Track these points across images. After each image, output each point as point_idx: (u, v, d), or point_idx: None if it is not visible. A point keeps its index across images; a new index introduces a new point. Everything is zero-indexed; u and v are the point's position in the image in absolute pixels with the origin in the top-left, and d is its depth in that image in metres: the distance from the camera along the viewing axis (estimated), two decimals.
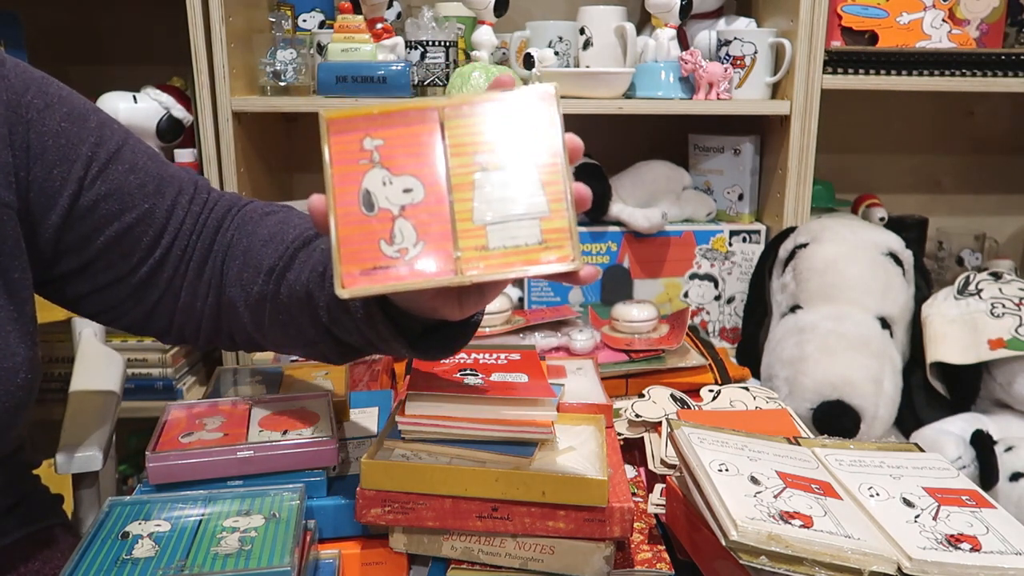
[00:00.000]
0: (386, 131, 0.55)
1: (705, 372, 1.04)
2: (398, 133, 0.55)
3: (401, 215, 0.54)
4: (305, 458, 0.70)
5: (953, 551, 0.56)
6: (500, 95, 0.54)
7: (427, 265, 0.53)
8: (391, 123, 0.55)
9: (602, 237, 1.40)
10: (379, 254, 0.53)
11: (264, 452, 0.69)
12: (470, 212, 0.53)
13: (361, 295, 0.53)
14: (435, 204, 0.54)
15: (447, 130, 0.54)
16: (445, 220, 0.53)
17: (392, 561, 0.68)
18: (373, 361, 1.09)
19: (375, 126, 0.55)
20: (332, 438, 0.70)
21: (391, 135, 0.55)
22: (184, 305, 0.75)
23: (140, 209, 0.72)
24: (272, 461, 0.69)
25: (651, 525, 0.72)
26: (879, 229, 1.24)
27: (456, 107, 0.54)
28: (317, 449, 0.70)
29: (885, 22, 1.34)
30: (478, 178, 0.54)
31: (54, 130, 0.70)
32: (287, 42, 1.36)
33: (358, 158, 0.55)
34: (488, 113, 0.54)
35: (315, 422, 0.74)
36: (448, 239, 0.53)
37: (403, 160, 0.54)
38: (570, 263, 0.52)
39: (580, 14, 1.41)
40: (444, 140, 0.54)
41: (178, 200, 0.74)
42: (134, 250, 0.72)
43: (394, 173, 0.54)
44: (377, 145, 0.55)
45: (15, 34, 1.39)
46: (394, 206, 0.54)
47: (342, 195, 0.55)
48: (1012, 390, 1.06)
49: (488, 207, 0.53)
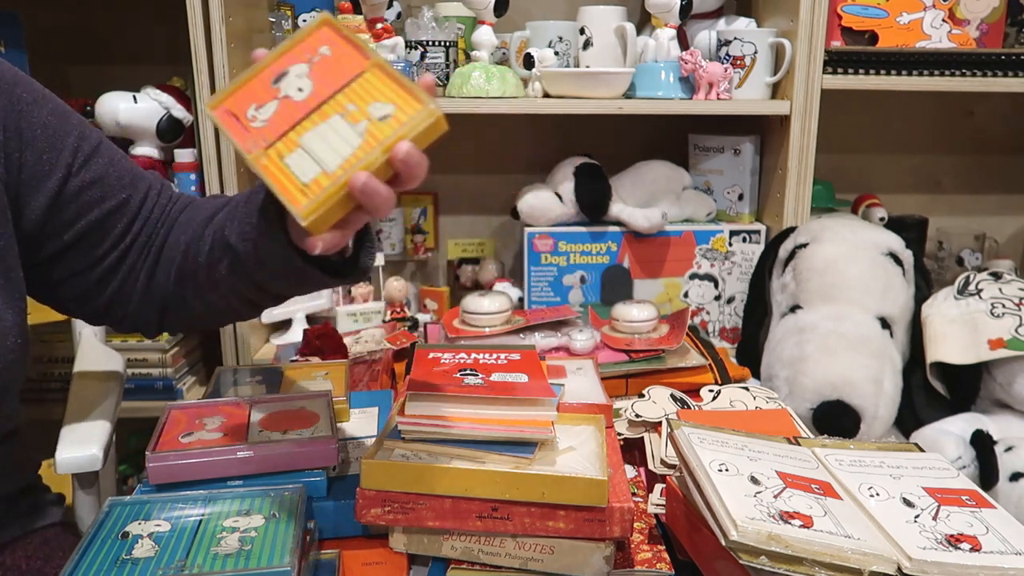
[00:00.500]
0: (340, 50, 0.65)
1: (705, 372, 1.04)
2: (344, 53, 0.64)
3: (280, 99, 0.64)
4: (305, 458, 0.70)
5: (953, 551, 0.56)
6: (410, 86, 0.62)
7: (248, 138, 0.63)
8: (349, 49, 0.65)
9: (602, 237, 1.40)
10: (245, 110, 0.64)
11: (264, 452, 0.69)
12: (304, 131, 0.62)
13: (212, 117, 0.65)
14: (299, 110, 0.63)
15: (360, 77, 0.63)
16: (291, 123, 0.63)
17: (392, 561, 0.68)
18: (373, 361, 1.09)
19: (341, 44, 0.65)
20: (332, 438, 0.71)
21: (339, 54, 0.65)
22: (141, 288, 0.81)
23: (118, 198, 0.79)
24: (272, 461, 0.69)
25: (651, 525, 0.72)
26: (879, 229, 1.24)
27: (380, 67, 0.63)
28: (317, 449, 0.70)
29: (885, 22, 1.34)
30: (333, 119, 0.62)
31: (42, 122, 0.76)
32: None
33: (310, 53, 0.65)
34: (388, 84, 0.62)
35: (315, 422, 0.75)
36: (276, 134, 0.63)
37: (322, 72, 0.64)
38: (297, 208, 0.60)
39: (580, 14, 1.41)
40: (349, 81, 0.63)
41: (149, 193, 0.82)
42: (108, 236, 0.78)
43: (308, 75, 0.64)
44: (324, 55, 0.65)
45: (15, 34, 1.39)
46: (282, 91, 0.64)
47: (276, 64, 0.65)
48: (1012, 390, 1.06)
49: (315, 137, 0.62)
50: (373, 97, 0.62)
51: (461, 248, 1.68)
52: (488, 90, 1.31)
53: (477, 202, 1.69)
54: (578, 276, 1.41)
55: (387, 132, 0.60)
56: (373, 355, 1.12)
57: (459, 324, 1.13)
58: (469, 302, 1.12)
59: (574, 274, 1.41)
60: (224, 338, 1.37)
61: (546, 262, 1.40)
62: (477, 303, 1.11)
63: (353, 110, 0.62)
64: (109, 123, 1.39)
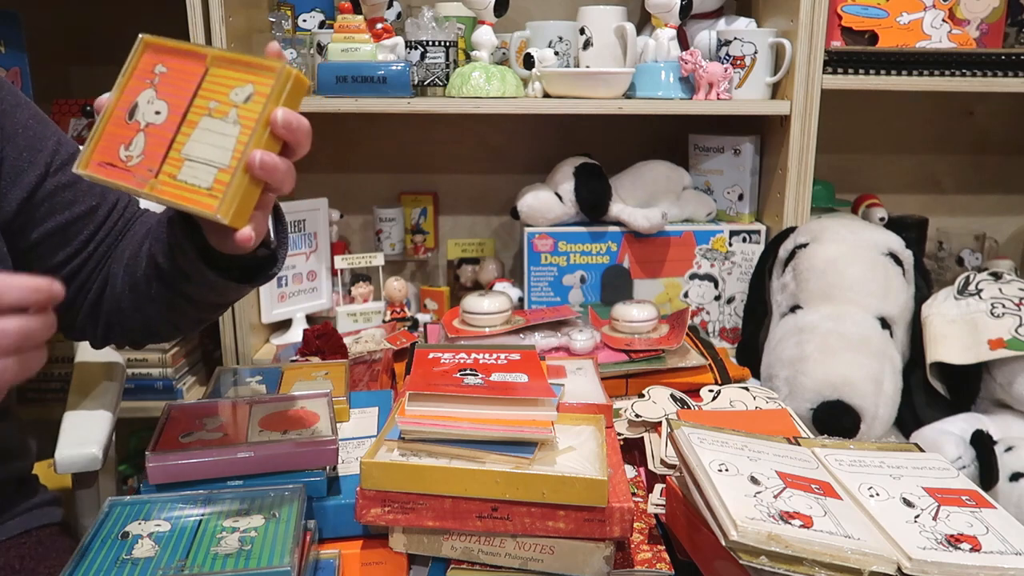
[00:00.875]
0: (175, 61, 0.66)
1: (705, 372, 1.04)
2: (179, 66, 0.66)
3: (144, 130, 0.65)
4: (305, 458, 0.70)
5: (953, 551, 0.56)
6: (254, 59, 0.63)
7: (133, 177, 0.64)
8: (182, 57, 0.66)
9: (602, 237, 1.40)
10: (116, 155, 0.65)
11: (264, 452, 0.69)
12: (183, 145, 0.64)
13: (87, 176, 0.65)
14: (166, 130, 0.64)
15: (207, 76, 0.65)
16: (165, 145, 0.64)
17: (392, 561, 0.68)
18: (373, 361, 1.09)
19: (172, 56, 0.66)
20: (332, 438, 0.70)
21: (175, 66, 0.66)
22: (92, 300, 0.83)
23: (88, 204, 0.82)
24: (272, 461, 0.69)
25: (651, 525, 0.72)
26: (879, 229, 1.23)
27: (219, 59, 0.65)
28: (317, 449, 0.70)
29: (885, 22, 1.34)
30: (203, 120, 0.63)
31: (24, 123, 0.80)
32: (287, 42, 1.36)
33: (147, 77, 0.66)
34: (238, 71, 0.64)
35: (315, 422, 0.75)
36: (158, 161, 0.64)
37: (170, 88, 0.65)
38: (213, 212, 0.61)
39: (580, 14, 1.41)
40: (200, 84, 0.65)
41: (116, 205, 0.85)
42: (71, 242, 0.81)
43: (158, 96, 0.65)
44: (162, 72, 0.66)
45: (15, 34, 1.39)
46: (144, 121, 0.65)
47: (122, 102, 0.66)
48: (1012, 390, 1.06)
49: (196, 145, 0.63)
50: (228, 86, 0.63)
51: (461, 248, 1.68)
52: (488, 90, 1.31)
53: (477, 202, 1.69)
54: (578, 276, 1.41)
55: (257, 109, 0.62)
56: (373, 355, 1.12)
57: (459, 324, 1.13)
58: (469, 302, 1.12)
59: (574, 274, 1.41)
60: (224, 338, 1.37)
61: (546, 262, 1.40)
62: (477, 303, 1.11)
63: (216, 106, 0.63)
64: None
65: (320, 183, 1.65)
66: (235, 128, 0.62)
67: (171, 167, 0.63)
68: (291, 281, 1.46)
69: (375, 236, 1.64)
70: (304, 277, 1.48)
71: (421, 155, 1.66)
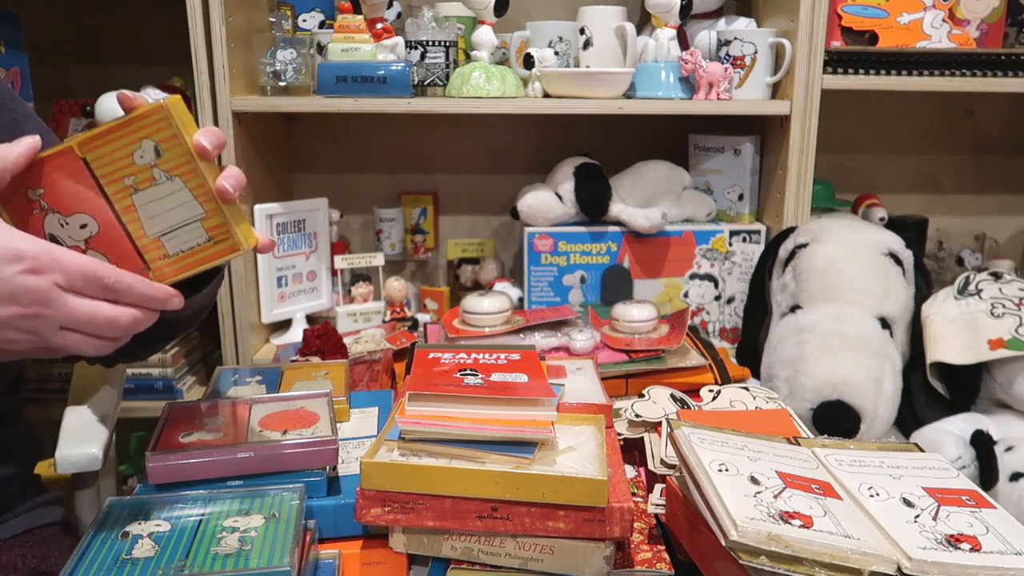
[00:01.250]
0: (41, 179, 0.61)
1: (705, 372, 1.04)
2: (52, 179, 0.61)
3: (88, 248, 0.62)
4: (305, 458, 0.70)
5: (953, 551, 0.56)
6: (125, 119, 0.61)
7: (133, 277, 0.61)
8: (42, 171, 0.61)
9: (602, 237, 1.40)
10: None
11: (264, 452, 0.69)
12: (142, 229, 0.62)
13: None
14: (111, 232, 0.62)
15: (91, 164, 0.61)
16: (125, 242, 0.62)
17: (392, 561, 0.68)
18: (373, 361, 1.09)
19: (31, 178, 0.61)
20: (332, 438, 0.70)
21: (48, 182, 0.61)
22: None
23: None
24: (272, 461, 0.69)
25: (651, 525, 0.72)
26: (879, 229, 1.23)
27: (88, 142, 0.61)
28: (317, 449, 0.70)
29: (885, 22, 1.34)
30: (135, 199, 0.62)
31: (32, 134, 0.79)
32: (287, 42, 1.36)
33: (31, 208, 0.62)
34: (118, 138, 0.61)
35: (315, 422, 0.75)
36: (134, 257, 0.63)
37: (68, 201, 0.62)
38: (240, 251, 0.62)
39: (580, 14, 1.41)
40: (93, 174, 0.61)
41: None
42: None
43: (65, 215, 0.62)
44: (40, 194, 0.62)
45: (15, 34, 1.39)
46: (79, 242, 0.62)
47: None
48: (1012, 390, 1.06)
49: (154, 222, 0.62)
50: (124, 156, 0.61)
51: (461, 248, 1.68)
52: (488, 90, 1.31)
53: (477, 202, 1.69)
54: (578, 276, 1.41)
55: (178, 154, 0.61)
56: (373, 355, 1.12)
57: (459, 324, 1.13)
58: (469, 302, 1.12)
59: (574, 274, 1.41)
60: (224, 338, 1.37)
61: (546, 262, 1.40)
62: (477, 303, 1.11)
63: (135, 180, 0.61)
64: None
65: (320, 183, 1.65)
66: (175, 182, 0.62)
67: (153, 252, 0.63)
68: (291, 281, 1.46)
69: (375, 236, 1.64)
70: (304, 277, 1.48)
71: (421, 155, 1.66)
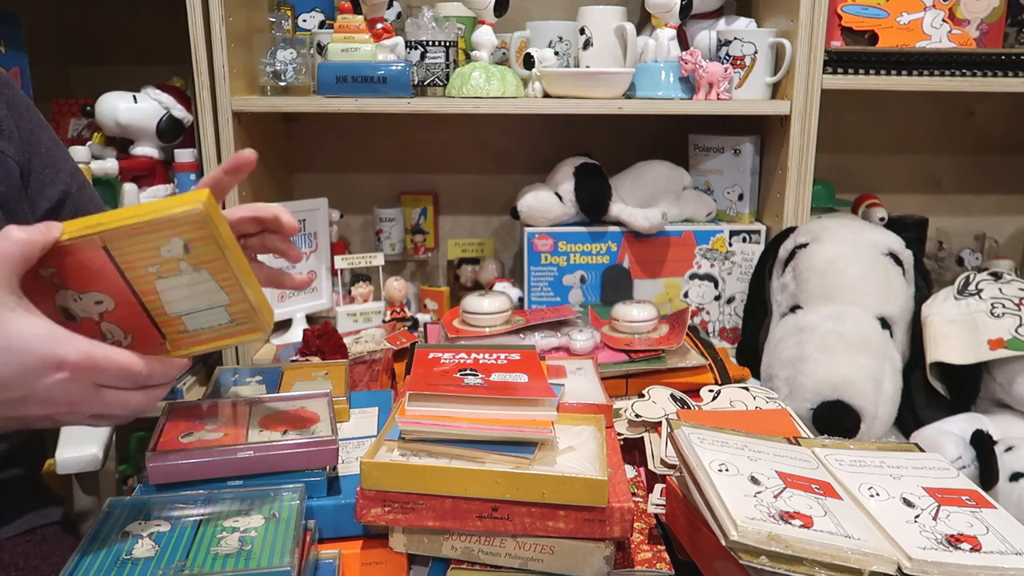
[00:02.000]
0: (55, 261, 0.60)
1: (705, 372, 1.04)
2: (68, 261, 0.60)
3: (103, 320, 0.62)
4: (305, 458, 0.70)
5: (953, 551, 0.56)
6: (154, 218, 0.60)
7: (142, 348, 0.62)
8: (57, 254, 0.60)
9: (602, 237, 1.40)
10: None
11: (264, 452, 0.69)
12: (163, 307, 0.62)
13: None
14: (128, 308, 0.62)
15: (113, 253, 0.60)
16: (143, 317, 0.62)
17: (392, 561, 0.68)
18: (373, 361, 1.09)
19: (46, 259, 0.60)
20: (332, 438, 0.70)
21: (62, 263, 0.60)
22: None
23: None
24: (272, 461, 0.69)
25: (651, 525, 0.72)
26: (879, 229, 1.23)
27: (113, 235, 0.60)
28: (317, 449, 0.70)
29: (885, 22, 1.34)
30: (158, 284, 0.62)
31: (46, 144, 0.87)
32: (287, 42, 1.36)
33: (41, 285, 0.61)
34: (146, 233, 0.60)
35: (315, 422, 0.74)
36: (152, 330, 0.63)
37: (83, 280, 0.61)
38: (260, 333, 0.64)
39: (580, 14, 1.41)
40: (114, 260, 0.61)
41: None
42: None
43: (79, 291, 0.61)
44: (52, 273, 0.61)
45: (15, 34, 1.39)
46: (93, 315, 0.62)
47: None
48: (1012, 390, 1.06)
49: (176, 304, 0.62)
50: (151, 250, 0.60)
51: (461, 248, 1.68)
52: (488, 90, 1.31)
53: (477, 202, 1.69)
54: (578, 276, 1.41)
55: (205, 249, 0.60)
56: (373, 355, 1.12)
57: (459, 324, 1.13)
58: (469, 302, 1.12)
59: (574, 274, 1.41)
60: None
61: (546, 262, 1.40)
62: (477, 303, 1.11)
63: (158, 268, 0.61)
64: (109, 123, 1.39)
65: (320, 183, 1.65)
66: (201, 274, 0.61)
67: (172, 327, 0.63)
68: None
69: (375, 236, 1.64)
70: None
71: (421, 155, 1.66)
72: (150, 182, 1.44)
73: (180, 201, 0.59)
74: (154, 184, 1.44)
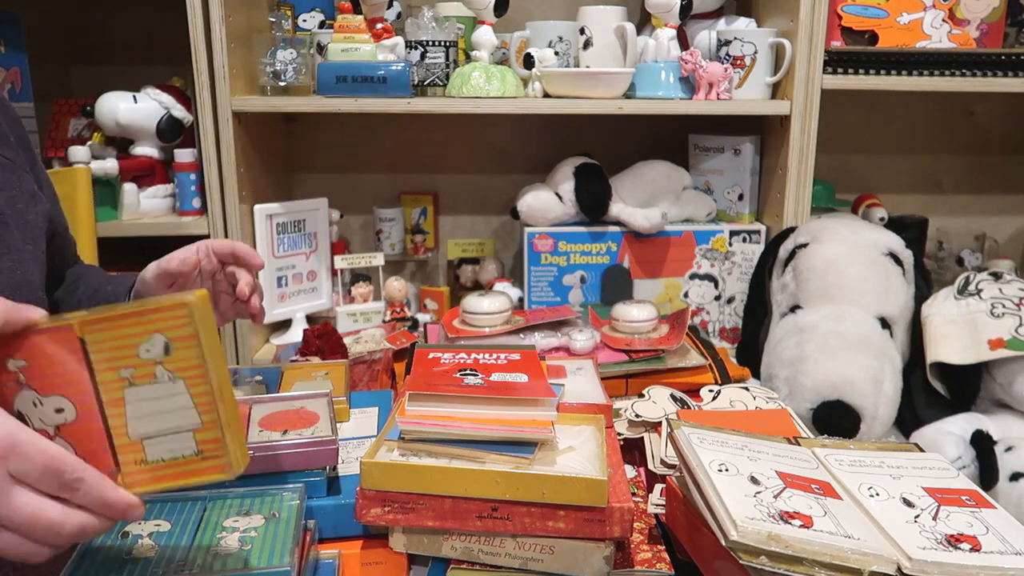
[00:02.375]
0: (27, 351, 0.54)
1: (705, 372, 1.04)
2: (39, 353, 0.54)
3: (58, 435, 0.54)
4: (305, 458, 0.70)
5: (953, 551, 0.56)
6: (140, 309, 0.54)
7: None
8: (31, 343, 0.54)
9: (602, 237, 1.40)
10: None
11: (264, 452, 0.69)
12: (125, 427, 0.54)
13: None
14: (89, 422, 0.54)
15: (88, 346, 0.54)
16: (101, 437, 0.54)
17: (392, 561, 0.68)
18: (373, 361, 1.09)
19: (15, 347, 0.54)
20: (332, 438, 0.70)
21: (33, 355, 0.54)
22: None
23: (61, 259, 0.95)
24: (272, 461, 0.69)
25: (651, 525, 0.72)
26: (879, 229, 1.23)
27: (92, 323, 0.54)
28: (317, 449, 0.70)
29: (885, 22, 1.34)
30: (127, 393, 0.54)
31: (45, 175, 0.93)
32: (287, 42, 1.36)
33: (5, 380, 0.55)
34: (128, 326, 0.54)
35: (315, 422, 0.74)
36: (107, 455, 0.54)
37: (50, 380, 0.54)
38: (227, 472, 0.54)
39: (580, 14, 1.41)
40: (88, 356, 0.54)
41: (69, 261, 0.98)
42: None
43: (42, 394, 0.54)
44: (20, 366, 0.55)
45: (15, 34, 1.40)
46: (49, 427, 0.54)
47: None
48: (1012, 390, 1.06)
49: (141, 422, 0.54)
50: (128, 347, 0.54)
51: (461, 248, 1.68)
52: (488, 90, 1.31)
53: (477, 202, 1.69)
54: (578, 276, 1.41)
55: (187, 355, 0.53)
56: (373, 355, 1.12)
57: (459, 324, 1.13)
58: (469, 302, 1.12)
59: (574, 274, 1.41)
60: (224, 338, 1.37)
61: (546, 262, 1.40)
62: (477, 303, 1.11)
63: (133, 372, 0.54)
64: (109, 123, 1.39)
65: (320, 183, 1.65)
66: (177, 384, 0.54)
67: (130, 454, 0.54)
68: (291, 281, 1.46)
69: (375, 236, 1.64)
70: (304, 277, 1.48)
71: (421, 155, 1.66)
72: (150, 182, 1.44)
73: (173, 296, 0.54)
74: (154, 184, 1.44)
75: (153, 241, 1.41)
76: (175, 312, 0.53)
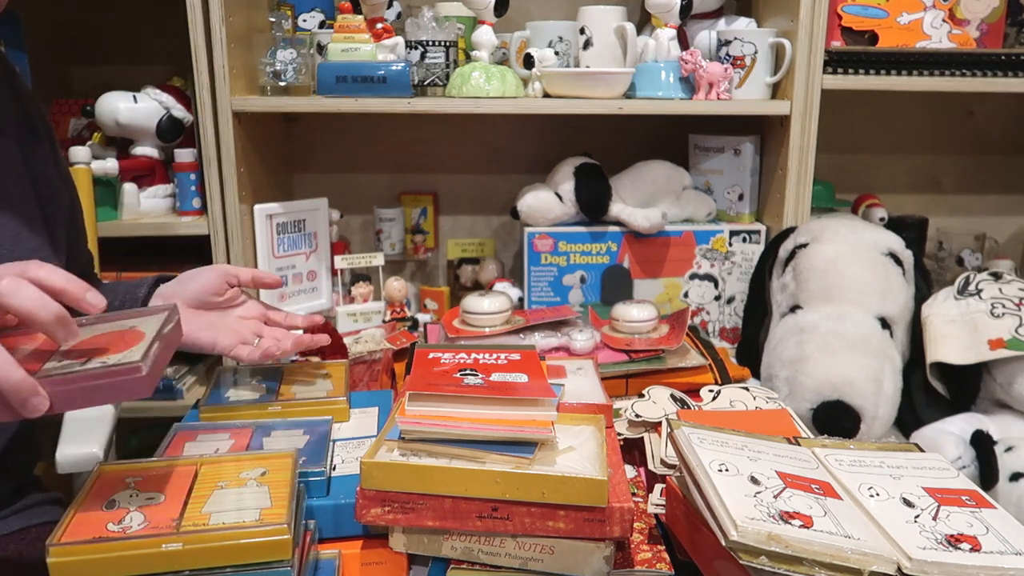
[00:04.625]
0: (147, 474, 0.65)
1: (705, 372, 1.03)
2: (156, 474, 0.65)
3: (136, 510, 0.61)
4: (105, 391, 0.56)
5: (953, 551, 0.56)
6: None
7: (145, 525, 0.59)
8: (153, 472, 0.65)
9: (602, 237, 1.40)
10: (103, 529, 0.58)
11: (53, 388, 0.55)
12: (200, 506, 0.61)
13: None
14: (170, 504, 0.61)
15: (200, 470, 0.66)
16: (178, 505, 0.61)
17: (392, 561, 0.68)
18: (373, 361, 1.09)
19: (138, 473, 0.65)
20: (137, 364, 0.56)
21: (150, 475, 0.65)
22: None
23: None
24: (67, 397, 0.56)
25: (651, 525, 0.72)
26: (879, 229, 1.23)
27: (216, 463, 0.67)
28: (119, 379, 0.56)
29: (885, 22, 1.34)
30: (216, 493, 0.63)
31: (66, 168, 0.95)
32: (287, 42, 1.36)
33: (116, 488, 0.63)
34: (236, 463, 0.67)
35: (133, 344, 0.60)
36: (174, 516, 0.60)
37: (154, 484, 0.64)
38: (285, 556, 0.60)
39: (580, 14, 1.41)
40: (196, 477, 0.65)
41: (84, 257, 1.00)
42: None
43: (142, 491, 0.63)
44: (136, 480, 0.64)
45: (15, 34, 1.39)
46: (132, 505, 0.61)
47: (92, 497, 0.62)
48: (1012, 390, 1.06)
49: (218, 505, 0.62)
50: (232, 472, 0.65)
51: (461, 248, 1.68)
52: (488, 90, 1.31)
53: (477, 202, 1.69)
54: (578, 276, 1.41)
55: (285, 477, 0.65)
56: (373, 355, 1.12)
57: (459, 324, 1.13)
58: (469, 302, 1.12)
59: (574, 274, 1.41)
60: None
61: (546, 262, 1.40)
62: (477, 303, 1.11)
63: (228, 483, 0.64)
64: (109, 123, 1.39)
65: (320, 183, 1.65)
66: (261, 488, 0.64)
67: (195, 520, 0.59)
68: (291, 281, 1.46)
69: (375, 236, 1.64)
70: (304, 277, 1.48)
71: (421, 155, 1.66)
72: (150, 182, 1.44)
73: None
74: (154, 184, 1.44)
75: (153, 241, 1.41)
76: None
